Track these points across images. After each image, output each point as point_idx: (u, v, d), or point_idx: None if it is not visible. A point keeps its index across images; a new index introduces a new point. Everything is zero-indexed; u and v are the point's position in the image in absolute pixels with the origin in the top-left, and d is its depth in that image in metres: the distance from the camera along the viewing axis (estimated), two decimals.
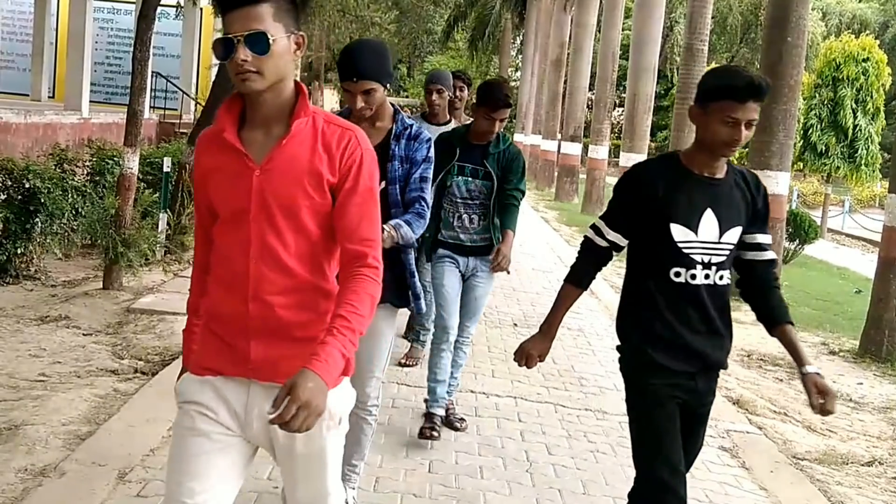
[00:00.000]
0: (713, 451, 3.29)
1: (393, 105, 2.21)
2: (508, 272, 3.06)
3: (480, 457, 2.94)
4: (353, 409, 2.29)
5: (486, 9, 25.30)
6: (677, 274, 1.78)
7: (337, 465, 1.48)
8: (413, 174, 2.16)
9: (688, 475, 3.00)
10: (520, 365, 1.94)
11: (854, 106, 13.84)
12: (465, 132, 3.02)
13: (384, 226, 1.98)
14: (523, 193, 3.03)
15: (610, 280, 7.22)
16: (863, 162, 13.95)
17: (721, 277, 1.80)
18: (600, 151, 12.91)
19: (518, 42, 27.88)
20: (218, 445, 1.40)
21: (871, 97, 13.89)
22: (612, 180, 13.16)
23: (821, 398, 1.73)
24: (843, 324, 6.10)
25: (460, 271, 3.05)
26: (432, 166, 2.21)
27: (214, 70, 7.94)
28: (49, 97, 11.41)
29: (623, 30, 14.12)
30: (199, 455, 1.39)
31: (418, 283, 2.25)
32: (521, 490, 2.73)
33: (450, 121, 3.88)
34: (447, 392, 3.10)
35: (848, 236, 15.00)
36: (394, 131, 2.17)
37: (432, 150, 2.21)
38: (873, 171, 14.33)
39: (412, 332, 4.12)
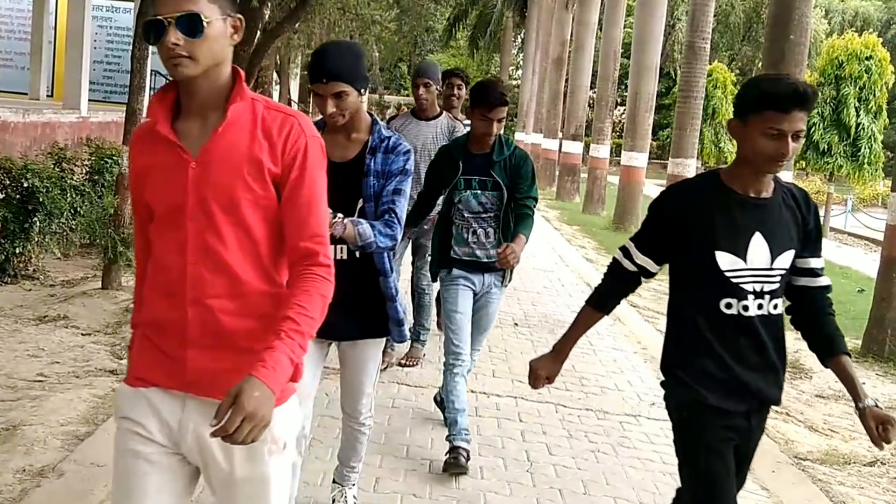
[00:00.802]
0: None
1: (371, 115, 2.06)
2: (512, 267, 2.86)
3: (481, 457, 2.93)
4: (346, 422, 2.23)
5: (488, 7, 25.28)
6: (728, 306, 1.62)
7: (282, 498, 1.34)
8: (387, 186, 2.00)
9: None
10: (532, 386, 1.84)
11: (857, 104, 13.79)
12: (465, 141, 2.87)
13: (337, 215, 1.88)
14: (536, 200, 2.84)
15: None
16: (865, 161, 13.90)
17: (775, 307, 1.65)
18: (602, 150, 12.88)
19: (519, 40, 27.84)
20: (156, 467, 1.30)
21: (874, 95, 13.84)
22: (614, 179, 13.11)
23: (881, 429, 1.61)
24: (845, 323, 6.01)
25: (475, 291, 2.87)
26: (409, 179, 2.04)
27: None
28: (47, 96, 11.40)
29: (624, 28, 14.06)
30: (138, 477, 1.30)
31: (400, 308, 2.10)
32: (522, 490, 2.72)
33: (440, 114, 3.76)
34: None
35: (850, 235, 14.95)
36: (370, 144, 2.00)
37: (411, 162, 2.04)
38: (876, 170, 14.29)
39: (412, 331, 4.09)
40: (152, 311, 1.32)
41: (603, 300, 1.79)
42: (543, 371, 1.81)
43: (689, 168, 9.19)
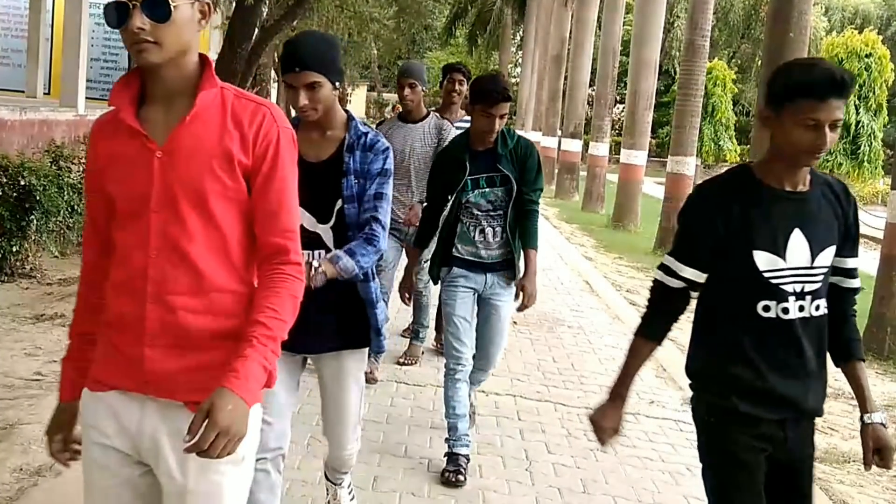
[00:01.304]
0: None
1: (347, 112, 1.93)
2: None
3: (480, 455, 2.92)
4: (332, 451, 2.09)
5: (487, 4, 25.23)
6: (766, 308, 1.50)
7: None
8: (367, 190, 1.87)
9: (688, 473, 3.02)
10: (601, 443, 1.68)
11: (856, 102, 13.79)
12: (465, 141, 2.71)
13: (313, 260, 1.76)
14: (541, 191, 2.73)
15: (611, 278, 7.20)
16: (865, 159, 13.92)
17: (817, 308, 1.53)
18: (601, 148, 12.87)
19: (518, 38, 27.81)
20: (120, 479, 1.24)
21: (874, 93, 13.86)
22: (613, 177, 13.11)
23: (878, 454, 1.52)
24: None
25: (476, 291, 2.74)
26: (390, 180, 1.91)
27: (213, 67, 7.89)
28: (44, 93, 11.37)
29: (624, 25, 14.04)
30: (104, 489, 1.25)
31: (380, 315, 1.94)
32: (521, 489, 2.72)
33: (427, 115, 3.63)
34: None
35: None
36: (347, 142, 1.87)
37: (390, 161, 1.91)
38: (876, 168, 14.31)
39: (411, 329, 4.05)
40: (112, 310, 1.25)
41: (653, 328, 1.62)
42: (608, 422, 1.64)
43: (689, 166, 9.17)
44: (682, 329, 4.83)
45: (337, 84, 1.82)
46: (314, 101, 1.79)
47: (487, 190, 2.67)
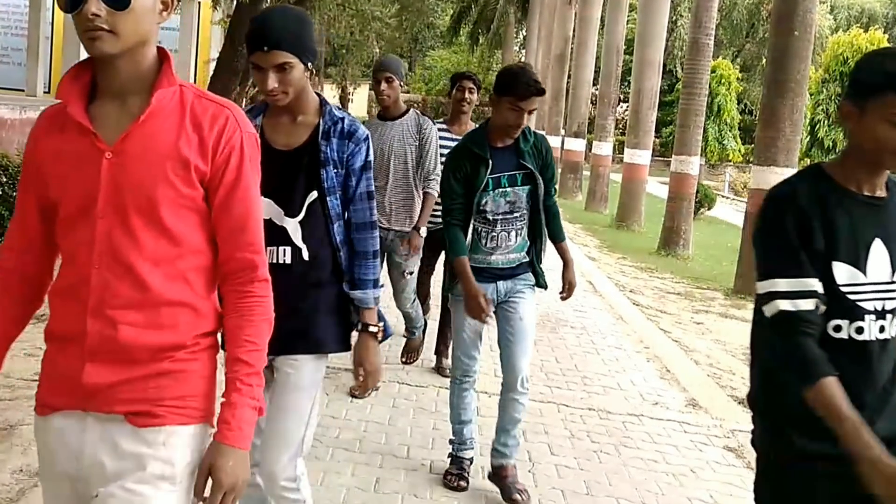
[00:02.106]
0: (718, 451, 3.25)
1: (319, 95, 1.73)
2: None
3: (482, 457, 2.90)
4: (268, 489, 1.70)
5: (490, 3, 25.21)
6: (837, 328, 1.31)
7: None
8: (355, 188, 1.71)
9: (692, 475, 2.99)
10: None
11: None
12: (484, 137, 2.47)
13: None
14: (556, 185, 2.64)
15: (615, 278, 7.17)
16: None
17: None
18: (604, 148, 12.83)
19: (521, 37, 27.78)
20: None
21: None
22: (616, 177, 13.07)
23: None
24: None
25: (493, 301, 2.52)
26: (373, 173, 1.76)
27: (212, 65, 7.90)
28: (45, 92, 11.37)
29: (627, 24, 14.00)
30: None
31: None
32: None
33: (405, 112, 3.41)
34: (506, 452, 2.58)
35: None
36: (321, 128, 1.69)
37: (371, 151, 1.74)
38: None
39: (404, 334, 3.92)
40: (54, 320, 1.16)
41: (817, 365, 1.27)
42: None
43: (693, 165, 9.14)
44: (686, 329, 4.80)
45: (309, 65, 1.63)
46: (285, 83, 1.60)
47: (508, 190, 2.45)
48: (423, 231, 3.43)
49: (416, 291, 3.73)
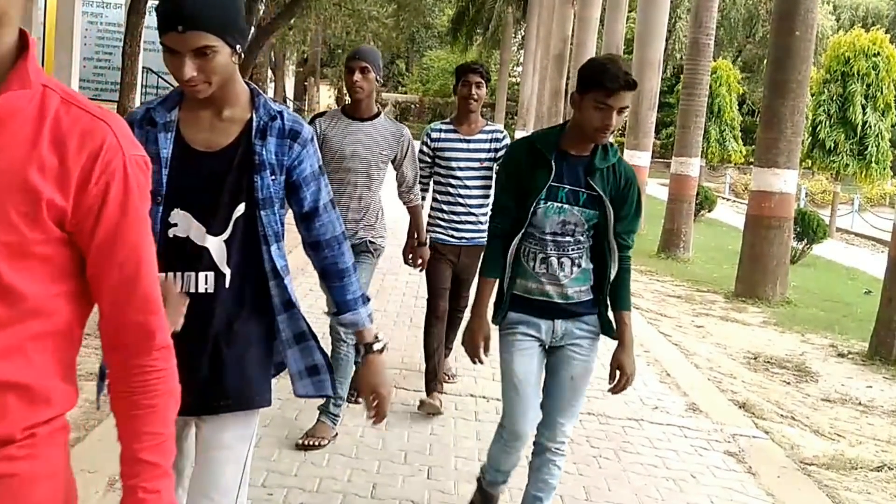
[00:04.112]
0: (718, 456, 3.22)
1: (249, 84, 1.41)
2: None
3: (481, 462, 2.87)
4: None
5: (487, 3, 25.19)
6: None
7: None
8: (314, 200, 1.41)
9: (692, 480, 2.97)
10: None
11: (864, 102, 13.68)
12: (556, 137, 2.04)
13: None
14: (634, 236, 2.09)
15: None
16: (873, 159, 13.79)
17: None
18: None
19: (520, 36, 27.77)
20: None
21: (882, 93, 13.72)
22: None
23: None
24: (852, 326, 6.00)
25: (542, 343, 2.08)
26: (326, 176, 1.46)
27: None
28: None
29: (627, 23, 13.98)
30: None
31: (315, 350, 1.45)
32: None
33: (378, 114, 2.87)
34: None
35: (857, 236, 14.85)
36: (255, 125, 1.37)
37: (318, 152, 1.44)
38: (884, 169, 14.17)
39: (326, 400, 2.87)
40: None
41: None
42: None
43: (693, 167, 9.12)
44: (687, 333, 4.77)
45: (238, 48, 1.31)
46: (206, 71, 1.28)
47: (566, 207, 2.00)
48: (427, 250, 3.12)
49: (424, 342, 3.27)
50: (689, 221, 8.97)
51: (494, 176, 3.22)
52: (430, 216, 3.32)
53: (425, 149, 3.29)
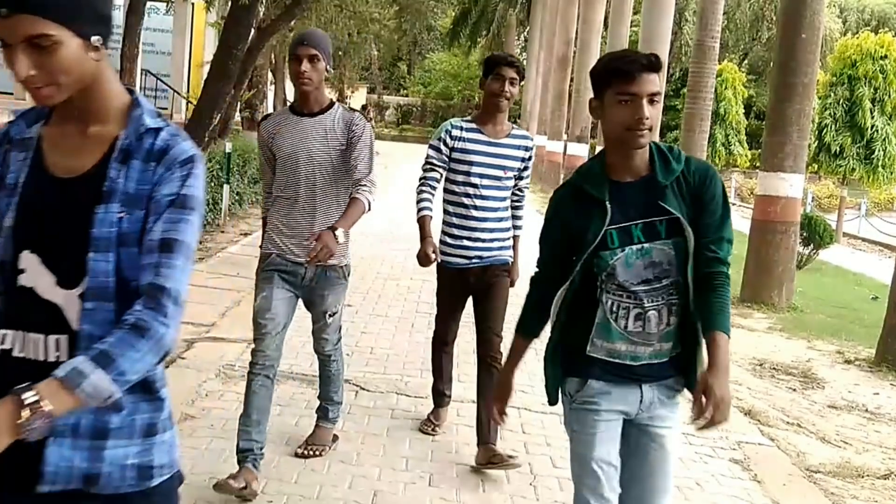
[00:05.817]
0: (724, 464, 3.19)
1: (133, 92, 1.11)
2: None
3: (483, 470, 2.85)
4: None
5: (490, 5, 25.19)
6: None
7: None
8: (149, 233, 1.03)
9: (697, 488, 2.93)
10: None
11: (871, 105, 13.60)
12: (601, 168, 1.66)
13: (27, 395, 0.91)
14: (731, 244, 1.66)
15: None
16: (880, 164, 13.71)
17: None
18: None
19: (523, 39, 27.76)
20: None
21: (889, 96, 13.64)
22: None
23: None
24: (858, 332, 5.95)
25: (626, 416, 1.69)
26: (196, 217, 1.06)
27: (206, 68, 7.86)
28: None
29: (631, 26, 13.95)
30: None
31: (165, 443, 1.09)
32: (525, 503, 2.65)
33: (330, 106, 2.47)
34: None
35: (864, 241, 14.78)
36: (119, 143, 1.06)
37: (198, 183, 1.06)
38: (891, 173, 14.08)
39: (318, 410, 2.82)
40: None
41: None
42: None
43: None
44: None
45: (96, 40, 1.01)
46: (49, 69, 0.98)
47: (647, 246, 1.62)
48: (342, 236, 2.37)
49: (433, 369, 3.01)
50: None
51: (518, 193, 2.90)
52: (441, 231, 2.88)
53: (442, 147, 2.78)
